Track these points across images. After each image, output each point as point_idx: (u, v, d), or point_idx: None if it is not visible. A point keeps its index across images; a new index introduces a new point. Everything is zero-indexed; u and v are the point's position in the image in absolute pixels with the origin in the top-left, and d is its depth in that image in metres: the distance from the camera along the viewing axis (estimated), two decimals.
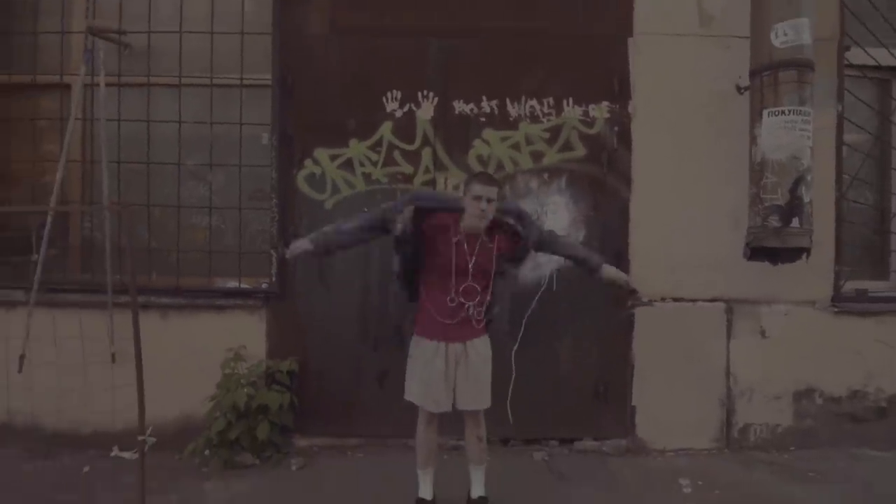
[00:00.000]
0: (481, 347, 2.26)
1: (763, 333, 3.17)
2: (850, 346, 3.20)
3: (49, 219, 2.98)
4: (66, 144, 3.03)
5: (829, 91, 3.16)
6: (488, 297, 2.19)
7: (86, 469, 2.90)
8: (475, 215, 2.07)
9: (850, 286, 3.26)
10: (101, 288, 3.07)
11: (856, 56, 3.23)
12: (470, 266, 2.13)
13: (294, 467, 2.88)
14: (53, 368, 2.90)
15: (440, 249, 2.14)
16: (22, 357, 2.94)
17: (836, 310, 3.18)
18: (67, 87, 3.24)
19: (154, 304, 3.04)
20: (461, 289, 2.15)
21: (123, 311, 3.04)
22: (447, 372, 2.20)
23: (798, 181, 2.62)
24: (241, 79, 3.13)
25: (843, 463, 3.00)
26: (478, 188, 2.05)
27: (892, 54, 3.23)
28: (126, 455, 3.05)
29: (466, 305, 2.15)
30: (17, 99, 3.29)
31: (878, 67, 3.26)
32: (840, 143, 3.19)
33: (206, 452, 2.89)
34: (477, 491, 2.38)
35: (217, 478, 2.77)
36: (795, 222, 2.63)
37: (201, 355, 2.97)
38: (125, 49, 3.17)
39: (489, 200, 2.04)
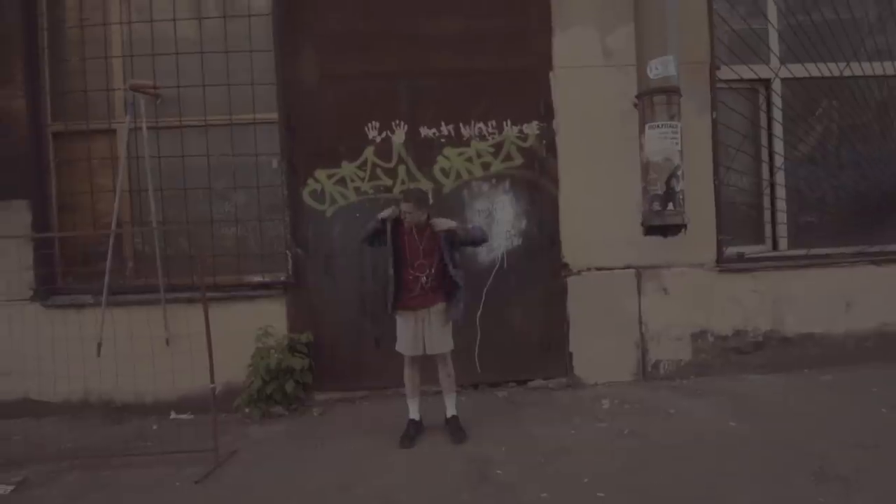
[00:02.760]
0: (440, 310, 3.19)
1: (665, 291, 4.16)
2: (732, 295, 4.20)
3: (112, 238, 3.84)
4: (119, 178, 3.91)
5: (705, 102, 4.15)
6: (433, 271, 3.12)
7: (154, 427, 3.79)
8: (412, 219, 3.07)
9: (733, 250, 4.27)
10: (153, 289, 3.95)
11: (726, 73, 4.22)
12: (420, 248, 3.10)
13: (316, 414, 3.81)
14: (120, 353, 3.79)
15: (403, 239, 3.11)
16: (99, 344, 3.82)
17: (719, 269, 4.18)
18: (113, 131, 4.10)
19: (198, 298, 3.90)
20: (416, 264, 3.11)
21: (174, 305, 3.96)
22: (416, 330, 3.16)
23: (670, 176, 3.61)
24: (254, 118, 4.03)
25: (728, 384, 3.99)
26: (406, 206, 3.04)
27: (752, 70, 4.23)
28: (182, 416, 3.94)
29: (421, 277, 3.11)
30: (73, 143, 4.14)
31: (742, 80, 4.25)
32: (716, 141, 4.17)
33: (247, 410, 3.80)
34: (450, 412, 3.33)
35: (258, 424, 3.68)
36: (670, 206, 3.62)
37: (237, 336, 3.81)
38: (158, 100, 4.04)
39: (407, 212, 3.03)
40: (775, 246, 4.40)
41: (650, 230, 3.81)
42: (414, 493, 2.64)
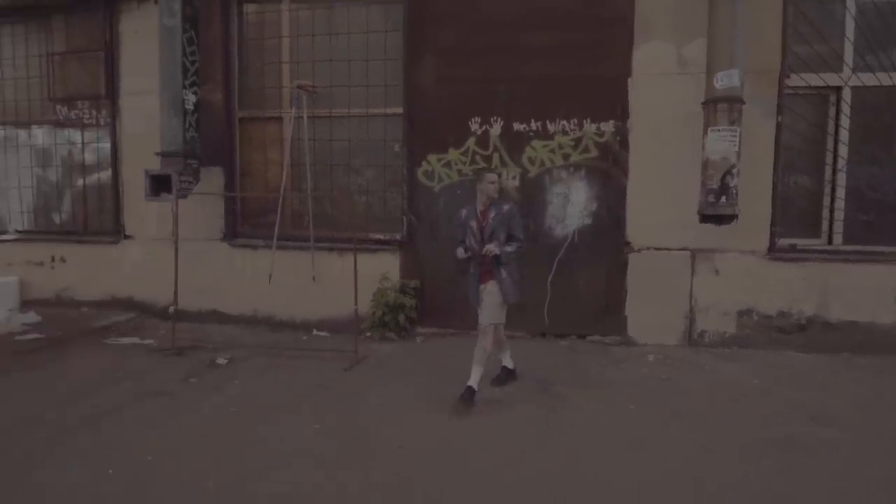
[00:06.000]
0: (492, 286, 3.57)
1: (716, 272, 4.80)
2: (780, 281, 4.74)
3: (281, 198, 5.23)
4: (285, 155, 5.27)
5: (771, 107, 4.64)
6: (496, 250, 3.43)
7: (304, 338, 5.19)
8: (491, 191, 3.50)
9: (787, 241, 4.79)
10: (305, 238, 5.31)
11: (795, 81, 4.66)
12: (485, 226, 3.54)
13: (418, 341, 5.02)
14: (280, 284, 5.21)
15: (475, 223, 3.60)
16: (270, 275, 5.26)
17: (770, 257, 4.73)
18: (281, 118, 5.46)
19: (337, 248, 5.22)
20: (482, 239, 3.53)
21: (318, 252, 5.30)
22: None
23: (726, 173, 4.23)
24: (385, 112, 5.19)
25: (765, 356, 4.59)
26: (491, 176, 3.55)
27: (821, 78, 4.63)
28: (321, 333, 5.31)
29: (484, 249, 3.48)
30: (252, 126, 5.57)
31: (811, 87, 4.67)
32: (778, 143, 4.66)
33: (369, 334, 5.07)
34: (471, 381, 3.53)
35: (377, 343, 4.94)
36: (723, 199, 4.26)
37: (363, 279, 5.06)
38: (315, 96, 5.31)
39: (492, 182, 3.52)
40: (830, 241, 4.83)
41: (705, 218, 4.46)
42: (492, 389, 3.72)
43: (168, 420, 3.32)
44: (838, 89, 4.70)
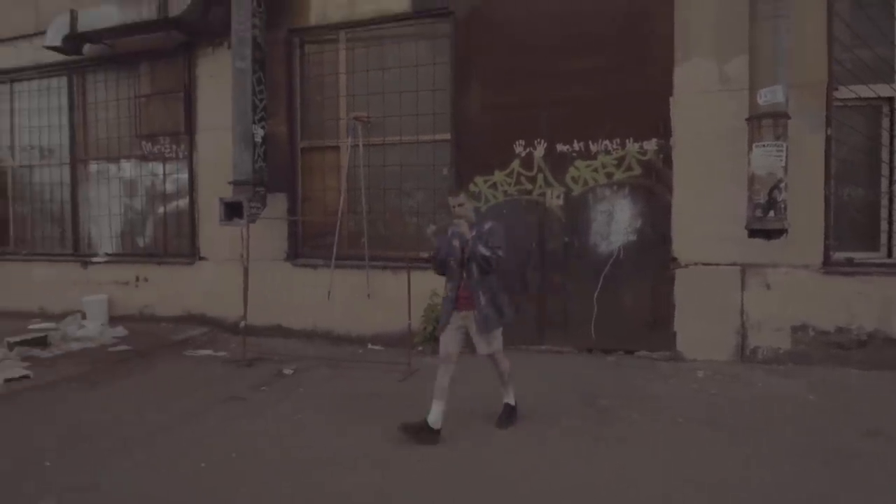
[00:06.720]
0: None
1: (768, 287, 4.75)
2: (836, 296, 4.63)
3: (338, 221, 5.64)
4: (343, 181, 5.69)
5: (820, 120, 4.61)
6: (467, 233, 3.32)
7: (360, 351, 5.52)
8: (455, 214, 3.41)
9: (842, 255, 4.69)
10: (360, 258, 5.68)
11: (844, 93, 4.62)
12: (466, 245, 3.40)
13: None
14: (338, 301, 5.58)
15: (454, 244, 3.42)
16: (329, 293, 5.66)
17: (824, 271, 4.64)
18: (338, 147, 5.92)
19: (390, 266, 5.55)
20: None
21: (373, 270, 5.65)
22: (455, 329, 3.51)
23: (773, 188, 4.25)
24: (434, 138, 5.53)
25: (822, 372, 4.48)
26: (453, 200, 3.41)
27: (871, 89, 4.57)
28: (376, 347, 5.63)
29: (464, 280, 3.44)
30: (313, 155, 6.06)
31: (862, 98, 4.60)
32: (828, 156, 4.61)
33: (420, 348, 5.34)
34: (506, 399, 3.72)
35: (429, 357, 5.17)
36: (771, 214, 4.26)
37: (414, 295, 5.34)
38: (369, 125, 5.73)
39: (457, 205, 3.39)
40: (890, 254, 4.69)
41: (753, 233, 4.46)
42: (537, 402, 3.86)
43: (245, 422, 3.68)
44: (890, 100, 4.63)
